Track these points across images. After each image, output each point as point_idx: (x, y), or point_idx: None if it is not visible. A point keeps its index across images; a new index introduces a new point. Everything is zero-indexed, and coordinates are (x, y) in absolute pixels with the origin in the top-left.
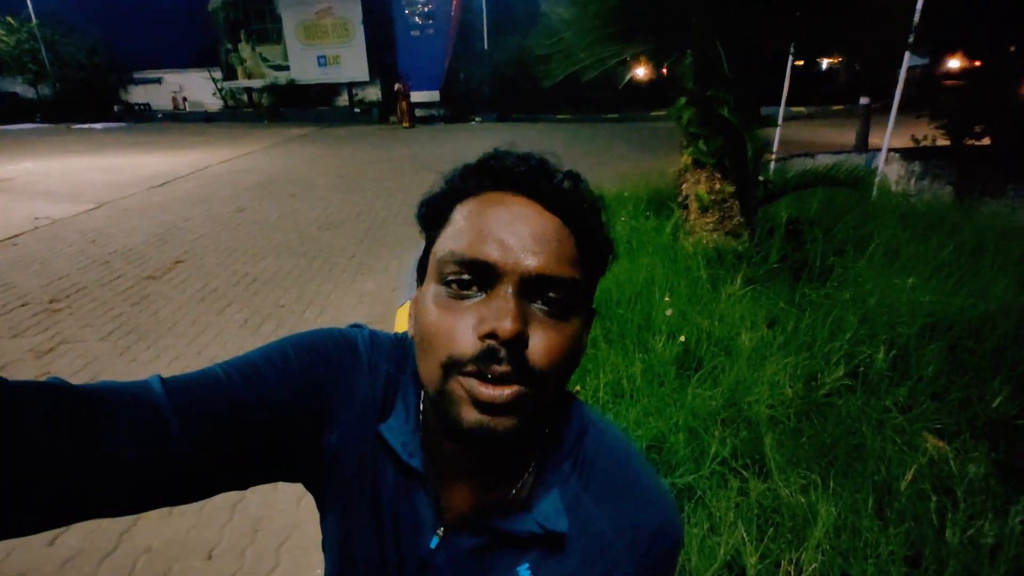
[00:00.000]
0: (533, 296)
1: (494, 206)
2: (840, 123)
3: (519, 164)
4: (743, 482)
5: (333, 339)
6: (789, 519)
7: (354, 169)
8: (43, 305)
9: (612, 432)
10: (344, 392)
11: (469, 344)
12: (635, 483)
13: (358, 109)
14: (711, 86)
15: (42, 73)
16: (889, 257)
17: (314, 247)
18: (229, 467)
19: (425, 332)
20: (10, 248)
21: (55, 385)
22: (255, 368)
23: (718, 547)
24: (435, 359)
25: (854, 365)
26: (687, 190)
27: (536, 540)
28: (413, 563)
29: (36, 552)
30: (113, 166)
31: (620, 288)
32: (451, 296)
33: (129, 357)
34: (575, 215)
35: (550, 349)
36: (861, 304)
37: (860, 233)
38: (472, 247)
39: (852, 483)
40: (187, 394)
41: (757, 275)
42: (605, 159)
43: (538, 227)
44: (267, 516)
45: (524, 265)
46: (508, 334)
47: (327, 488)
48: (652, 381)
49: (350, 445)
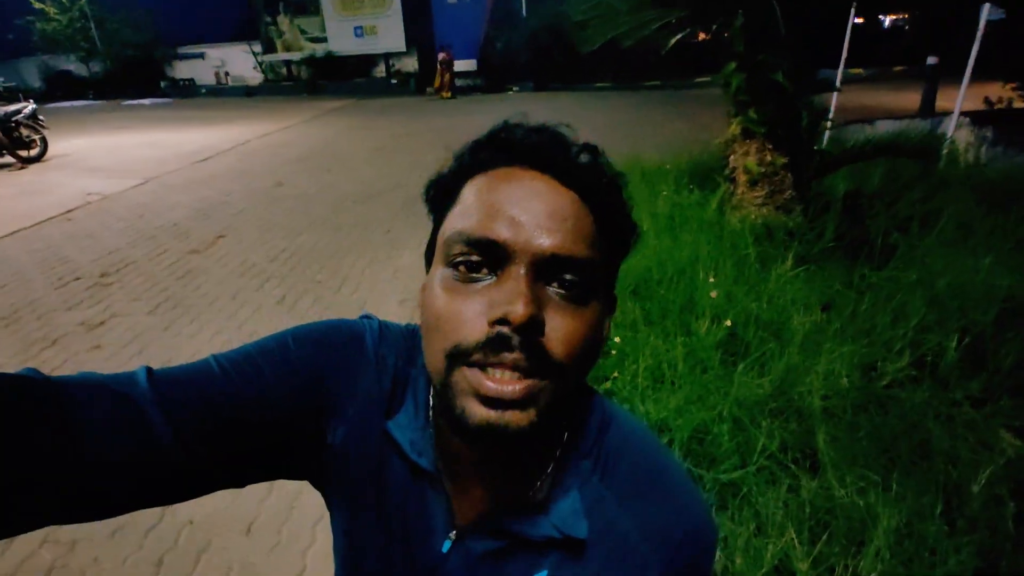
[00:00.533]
0: (548, 278)
1: (505, 182)
2: (901, 85)
3: (531, 136)
4: (793, 479)
5: (337, 331)
6: (844, 522)
7: (390, 142)
8: (95, 279)
9: (636, 428)
10: (349, 387)
11: (476, 330)
12: (662, 482)
13: (395, 80)
14: (763, 49)
15: (93, 50)
16: (961, 234)
17: (350, 221)
18: (221, 465)
19: (430, 318)
20: (66, 223)
21: (27, 377)
22: (252, 362)
23: (765, 549)
24: (440, 347)
25: (920, 354)
26: (735, 162)
27: (554, 544)
28: (423, 568)
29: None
30: (158, 141)
31: (661, 267)
32: (459, 279)
33: (174, 331)
34: (593, 191)
35: (569, 336)
36: (929, 287)
37: (927, 208)
38: (481, 225)
39: (916, 484)
40: (175, 387)
41: (810, 254)
42: (646, 129)
43: (553, 203)
44: (304, 494)
45: (537, 244)
46: (521, 318)
47: (333, 487)
48: (695, 367)
49: (356, 443)
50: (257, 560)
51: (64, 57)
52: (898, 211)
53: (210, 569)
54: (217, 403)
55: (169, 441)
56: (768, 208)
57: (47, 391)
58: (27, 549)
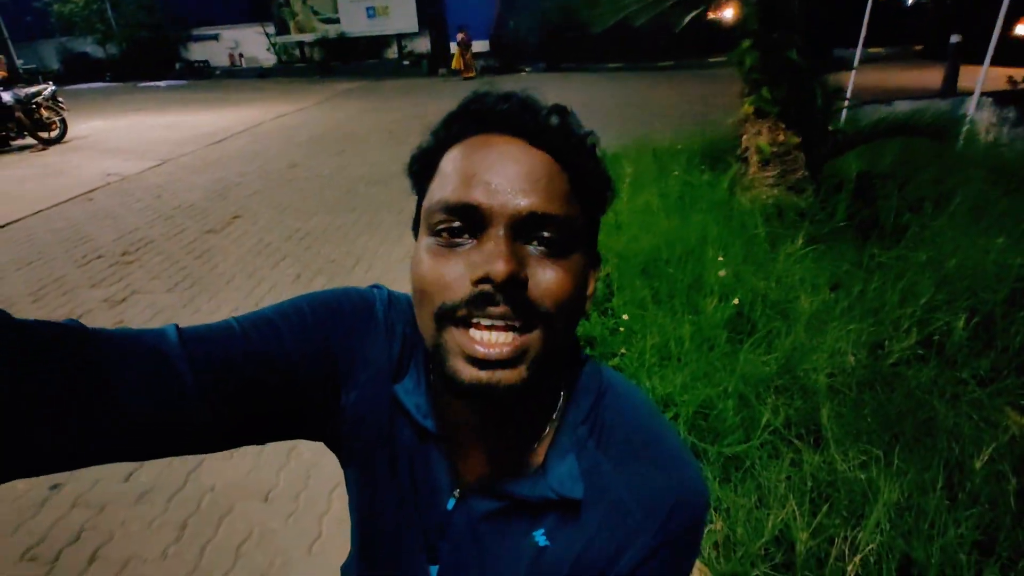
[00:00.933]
0: (528, 237)
1: (479, 149)
2: (922, 65)
3: (500, 103)
4: (796, 454)
5: (349, 298)
6: (845, 495)
7: (403, 124)
8: (116, 257)
9: (633, 394)
10: (361, 352)
11: (461, 290)
12: (656, 448)
13: (407, 61)
14: (777, 27)
15: (109, 32)
16: (974, 215)
17: (363, 203)
18: (242, 420)
19: (417, 284)
20: (87, 203)
21: (71, 327)
22: (271, 324)
23: (766, 520)
24: (427, 310)
25: (928, 333)
26: (747, 142)
27: (551, 505)
28: (432, 524)
29: (115, 487)
30: (174, 123)
31: (670, 246)
32: (441, 245)
33: (193, 308)
34: (564, 150)
35: (552, 287)
36: (939, 267)
37: (941, 188)
38: (457, 192)
39: (919, 460)
40: (202, 344)
41: (821, 234)
42: (657, 109)
43: (525, 165)
44: (320, 463)
45: (513, 205)
46: (502, 275)
47: (347, 449)
48: (701, 344)
49: (368, 406)
50: (276, 526)
51: (81, 39)
52: (911, 192)
53: (231, 533)
54: (238, 362)
55: (194, 393)
56: (780, 188)
57: (86, 339)
58: (58, 511)
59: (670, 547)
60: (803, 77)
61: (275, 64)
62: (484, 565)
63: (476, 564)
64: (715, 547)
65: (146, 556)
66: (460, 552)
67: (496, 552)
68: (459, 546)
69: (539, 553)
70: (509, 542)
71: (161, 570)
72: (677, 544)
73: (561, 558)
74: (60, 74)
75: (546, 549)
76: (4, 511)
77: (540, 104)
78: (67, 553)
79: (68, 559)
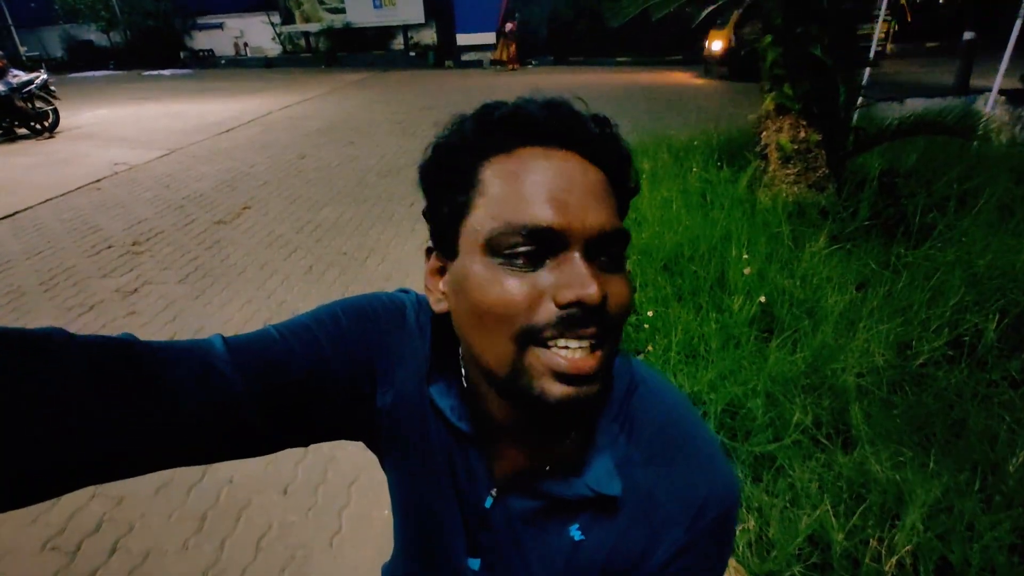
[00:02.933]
0: (594, 254)
1: (538, 163)
2: (933, 61)
3: (549, 113)
4: (827, 454)
5: (381, 303)
6: (879, 496)
7: (411, 115)
8: (126, 247)
9: (663, 389)
10: (395, 354)
11: (547, 312)
12: (687, 444)
13: (413, 53)
14: (802, 22)
15: (113, 20)
16: (1001, 214)
17: (373, 194)
18: (287, 424)
19: (486, 307)
20: (94, 192)
21: (126, 341)
22: (308, 331)
23: (799, 520)
24: (503, 334)
25: (957, 334)
26: (767, 138)
27: (588, 502)
28: (473, 520)
29: (133, 480)
30: (181, 113)
31: (693, 243)
32: (511, 267)
33: (205, 300)
34: (612, 162)
35: (621, 300)
36: (968, 267)
37: (965, 187)
38: (531, 213)
39: (952, 462)
40: (248, 354)
41: (844, 233)
42: (669, 105)
43: (588, 182)
44: (338, 457)
45: (589, 225)
46: (595, 300)
47: (385, 447)
48: (727, 342)
49: (404, 407)
50: (295, 519)
51: (85, 27)
52: (935, 190)
53: (250, 527)
54: (281, 368)
55: (245, 399)
56: (800, 186)
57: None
58: (77, 503)
59: (702, 542)
60: (828, 72)
61: (280, 54)
62: (523, 559)
63: (516, 558)
64: (749, 546)
65: (166, 548)
66: (500, 547)
67: (534, 548)
68: (499, 541)
69: (575, 548)
70: (546, 538)
71: (183, 562)
72: (709, 539)
73: (596, 552)
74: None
75: (581, 544)
76: None
77: (583, 113)
78: (87, 544)
79: (88, 550)
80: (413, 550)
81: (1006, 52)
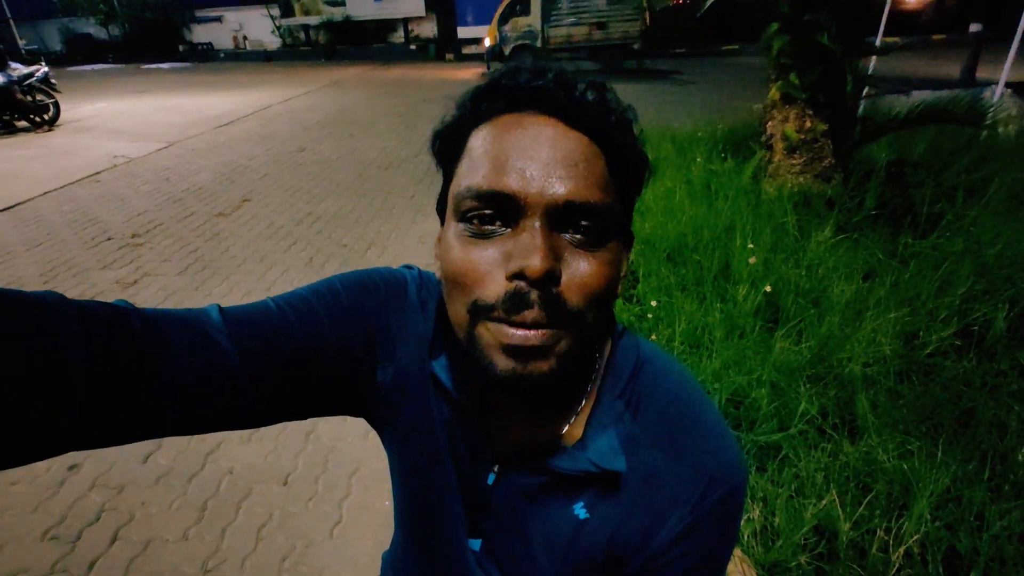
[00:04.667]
0: (564, 226)
1: (511, 130)
2: (938, 55)
3: (534, 79)
4: (833, 443)
5: (382, 277)
6: (885, 485)
7: (411, 108)
8: (126, 239)
9: (670, 368)
10: (397, 329)
11: (496, 286)
12: (693, 422)
13: (414, 46)
14: (809, 9)
15: (112, 13)
16: (1011, 204)
17: (373, 187)
18: (284, 397)
19: (449, 274)
20: (94, 184)
21: (121, 307)
22: (307, 303)
23: (805, 509)
24: (461, 303)
25: (966, 324)
26: (772, 128)
27: (592, 479)
28: (473, 499)
29: (133, 469)
30: (179, 106)
31: (697, 233)
32: (473, 234)
33: (204, 291)
34: (603, 130)
35: (585, 282)
36: (977, 256)
37: (974, 177)
38: (490, 179)
39: (960, 451)
40: (243, 323)
41: (851, 223)
42: (674, 97)
43: (562, 148)
44: (338, 447)
45: (550, 194)
46: (537, 273)
47: (387, 423)
48: (731, 332)
49: (406, 381)
50: (296, 510)
51: (84, 20)
52: (943, 180)
53: (251, 516)
54: (278, 340)
55: (239, 369)
56: (806, 176)
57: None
58: (76, 492)
59: (708, 521)
60: (835, 61)
61: (280, 47)
62: (525, 538)
63: (518, 537)
64: (754, 536)
65: (167, 537)
66: (501, 526)
67: (537, 525)
68: (500, 520)
69: (579, 526)
70: (549, 515)
71: (183, 551)
72: (715, 518)
73: (600, 530)
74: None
75: (586, 522)
76: (22, 492)
77: (576, 79)
78: (88, 533)
79: (89, 539)
80: (413, 532)
81: (1013, 44)
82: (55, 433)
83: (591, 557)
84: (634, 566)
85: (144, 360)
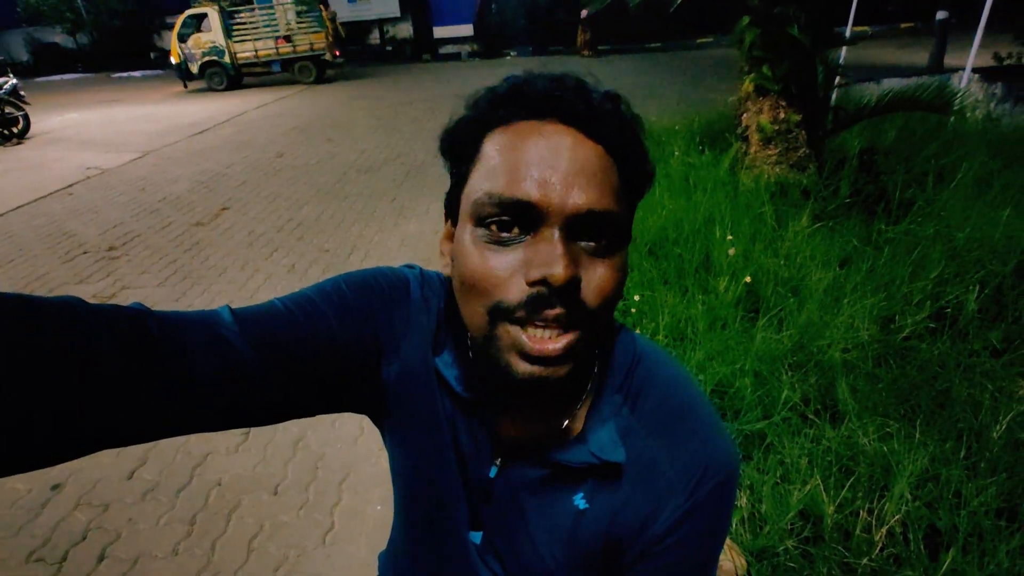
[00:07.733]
0: (579, 234)
1: (530, 137)
2: (907, 43)
3: (553, 87)
4: (815, 429)
5: (385, 276)
6: (867, 468)
7: (389, 110)
8: (102, 252)
9: (665, 362)
10: (401, 327)
11: (517, 290)
12: (688, 413)
13: (390, 47)
14: (779, 2)
15: (79, 21)
16: (978, 188)
17: (354, 191)
18: (294, 394)
19: (467, 277)
20: (67, 197)
21: (136, 309)
22: (313, 304)
23: (790, 495)
24: (480, 305)
25: (939, 306)
26: (747, 120)
27: (592, 470)
28: (475, 492)
29: (118, 486)
30: (153, 114)
31: (677, 226)
32: (491, 240)
33: (186, 302)
34: (617, 141)
35: (602, 288)
36: (947, 240)
37: (943, 163)
38: (510, 186)
39: (937, 431)
40: (255, 325)
41: (826, 211)
42: (652, 91)
43: (580, 158)
44: (327, 454)
45: (570, 203)
46: (560, 280)
47: (390, 419)
48: (714, 324)
49: (409, 377)
50: (287, 519)
51: (50, 29)
52: (914, 166)
53: (242, 527)
54: (287, 340)
55: (254, 369)
56: (782, 166)
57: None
58: (61, 512)
59: (703, 509)
60: (806, 53)
61: None
62: (527, 530)
63: (519, 529)
64: (742, 523)
65: (156, 553)
66: (503, 518)
67: (538, 517)
68: (502, 512)
69: (579, 516)
70: (551, 507)
71: (173, 566)
72: (710, 505)
73: (599, 520)
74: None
75: (586, 512)
76: (3, 513)
77: (592, 88)
78: (74, 554)
79: (75, 559)
80: (414, 526)
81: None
82: (90, 429)
83: (590, 546)
84: (632, 553)
85: (165, 359)
